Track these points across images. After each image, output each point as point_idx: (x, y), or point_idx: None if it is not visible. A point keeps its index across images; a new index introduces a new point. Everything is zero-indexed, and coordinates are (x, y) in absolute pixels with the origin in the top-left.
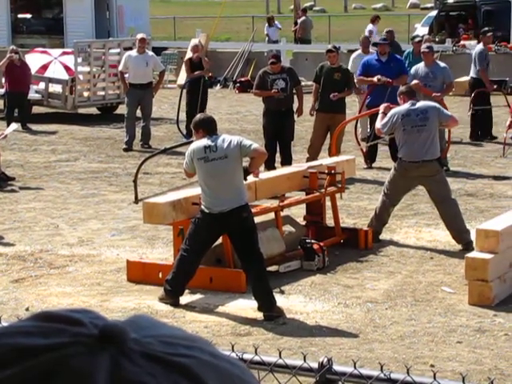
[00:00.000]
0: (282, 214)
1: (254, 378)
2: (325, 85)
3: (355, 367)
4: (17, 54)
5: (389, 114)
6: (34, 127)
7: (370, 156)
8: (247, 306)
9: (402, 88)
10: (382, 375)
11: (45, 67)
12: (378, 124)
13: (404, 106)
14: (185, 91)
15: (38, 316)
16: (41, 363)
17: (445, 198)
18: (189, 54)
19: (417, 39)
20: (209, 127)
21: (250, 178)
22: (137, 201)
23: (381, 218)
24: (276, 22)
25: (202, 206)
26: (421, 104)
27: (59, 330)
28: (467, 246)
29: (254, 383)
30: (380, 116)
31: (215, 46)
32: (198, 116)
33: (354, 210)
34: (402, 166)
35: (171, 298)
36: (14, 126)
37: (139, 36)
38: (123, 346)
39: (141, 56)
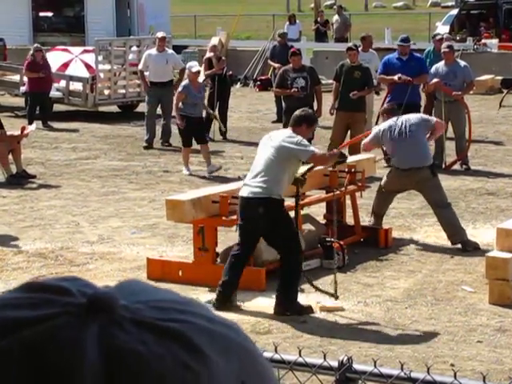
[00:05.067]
0: (302, 212)
1: (249, 340)
2: (345, 83)
3: (375, 366)
4: (41, 52)
5: (374, 130)
6: (55, 125)
7: None
8: (267, 304)
9: (384, 106)
10: (402, 374)
11: (66, 65)
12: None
13: (387, 121)
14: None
15: (26, 286)
16: (29, 336)
17: (440, 203)
18: (208, 53)
19: (438, 37)
20: None
21: None
22: None
23: (379, 215)
24: (297, 21)
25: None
26: (403, 116)
27: (47, 301)
28: (462, 246)
29: (248, 344)
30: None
31: (235, 45)
32: None
33: None
34: (395, 173)
35: (224, 300)
36: (34, 126)
37: (159, 34)
38: (113, 314)
39: (161, 54)
